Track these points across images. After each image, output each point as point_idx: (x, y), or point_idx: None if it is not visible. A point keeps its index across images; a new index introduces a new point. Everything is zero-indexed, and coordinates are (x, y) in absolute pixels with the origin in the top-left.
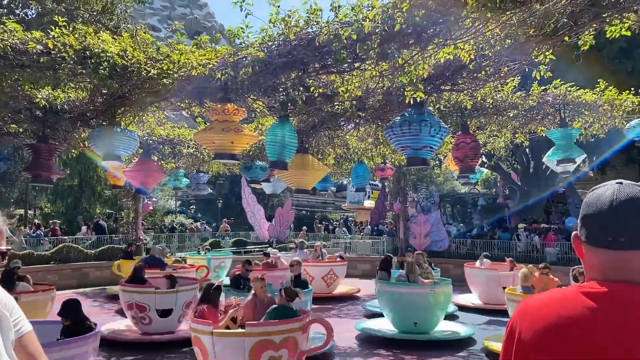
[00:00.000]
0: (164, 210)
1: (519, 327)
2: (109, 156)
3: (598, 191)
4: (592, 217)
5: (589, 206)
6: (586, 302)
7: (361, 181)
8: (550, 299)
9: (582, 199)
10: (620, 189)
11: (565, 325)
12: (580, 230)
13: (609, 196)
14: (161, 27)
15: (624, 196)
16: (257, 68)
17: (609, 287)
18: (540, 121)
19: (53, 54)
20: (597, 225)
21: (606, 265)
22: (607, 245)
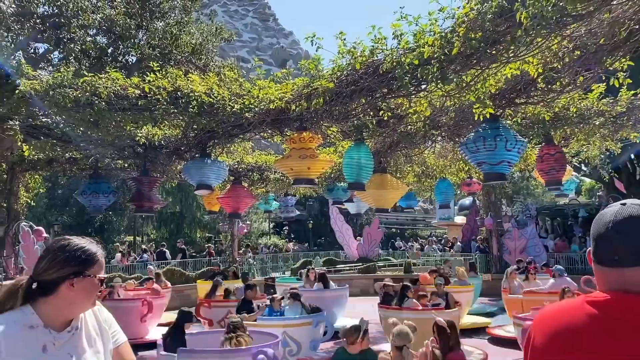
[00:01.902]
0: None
1: (534, 333)
2: (201, 186)
3: (603, 211)
4: (597, 237)
5: (595, 226)
6: (590, 310)
7: (445, 198)
8: (562, 308)
9: None
10: (621, 209)
11: (570, 331)
12: (592, 249)
13: (610, 216)
14: (250, 59)
15: (623, 216)
16: (327, 98)
17: (611, 296)
18: (632, 127)
19: (149, 97)
20: (601, 244)
21: (611, 281)
22: (611, 263)
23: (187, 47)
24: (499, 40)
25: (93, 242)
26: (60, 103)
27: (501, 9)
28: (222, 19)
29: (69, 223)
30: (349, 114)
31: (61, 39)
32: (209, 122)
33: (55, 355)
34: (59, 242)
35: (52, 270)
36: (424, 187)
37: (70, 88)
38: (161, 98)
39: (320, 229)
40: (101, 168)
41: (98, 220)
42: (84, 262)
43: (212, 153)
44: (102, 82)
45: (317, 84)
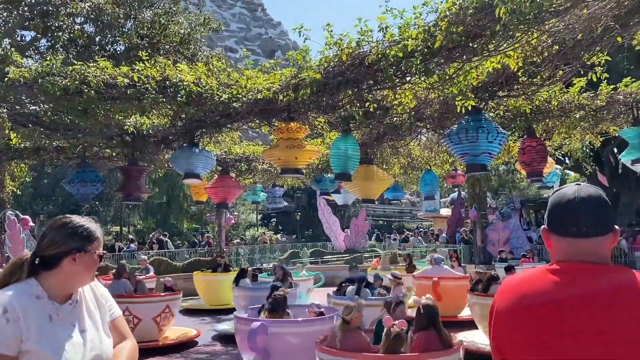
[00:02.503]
0: (246, 224)
1: (497, 302)
2: (189, 175)
3: (562, 191)
4: (558, 211)
5: (555, 203)
6: (551, 277)
7: (430, 189)
8: (523, 277)
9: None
10: (580, 188)
11: (534, 296)
12: (548, 224)
13: (572, 194)
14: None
15: (583, 194)
16: (314, 89)
17: (571, 265)
18: (611, 121)
19: (138, 86)
20: (563, 218)
21: (570, 250)
22: (571, 234)
23: (176, 37)
24: (479, 34)
25: (92, 221)
26: (49, 91)
27: (482, 4)
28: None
29: (54, 212)
30: (336, 105)
31: (49, 27)
32: (197, 111)
33: (59, 325)
34: (61, 220)
35: (55, 245)
36: (410, 179)
37: (59, 76)
38: (150, 87)
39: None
40: (89, 157)
41: (84, 210)
42: (85, 239)
43: (200, 142)
44: (92, 70)
45: (305, 74)
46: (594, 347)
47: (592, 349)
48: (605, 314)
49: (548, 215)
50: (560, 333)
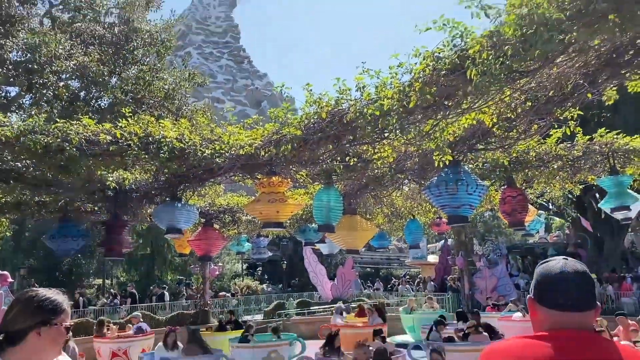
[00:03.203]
0: (231, 274)
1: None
2: (171, 230)
3: (549, 264)
4: (546, 285)
5: (543, 276)
6: (547, 344)
7: (414, 238)
8: (512, 344)
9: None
10: (567, 263)
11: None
12: (535, 295)
13: (559, 268)
14: (225, 99)
15: (570, 269)
16: (295, 144)
17: (566, 333)
18: (589, 170)
19: (120, 142)
20: (552, 291)
21: (559, 321)
22: (561, 307)
23: (160, 92)
24: (452, 94)
25: (59, 293)
26: (31, 148)
27: (454, 66)
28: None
29: (35, 266)
30: (317, 159)
31: (33, 84)
32: (179, 167)
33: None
34: (26, 294)
35: (20, 320)
36: (394, 227)
37: (41, 134)
38: (132, 143)
39: (294, 269)
40: (71, 211)
41: (66, 263)
42: (51, 312)
43: (183, 197)
44: (74, 128)
45: (286, 130)
46: None
47: None
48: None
49: (535, 287)
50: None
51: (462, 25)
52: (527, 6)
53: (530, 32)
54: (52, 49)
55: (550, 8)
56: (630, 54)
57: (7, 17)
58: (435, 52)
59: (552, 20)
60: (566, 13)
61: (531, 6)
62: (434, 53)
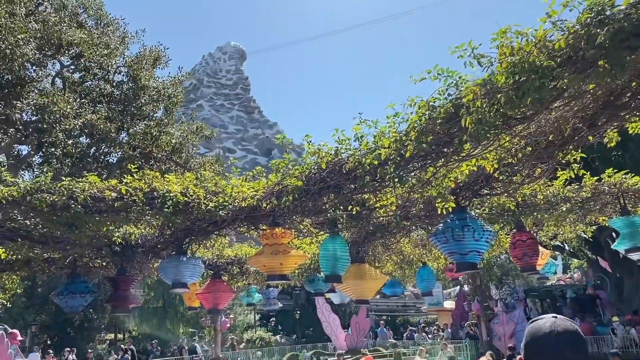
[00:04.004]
0: (244, 326)
1: None
2: (176, 284)
3: (538, 323)
4: (535, 345)
5: (531, 335)
6: None
7: (427, 285)
8: None
9: None
10: (556, 322)
11: None
12: (525, 355)
13: (548, 327)
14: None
15: (560, 328)
16: (296, 195)
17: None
18: (599, 211)
19: (125, 198)
20: (539, 351)
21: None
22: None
23: (167, 146)
24: (449, 142)
25: None
26: (37, 207)
27: (449, 115)
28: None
29: (47, 323)
30: (320, 209)
31: (43, 143)
32: (183, 220)
33: None
34: None
35: None
36: (406, 275)
37: (47, 193)
38: (137, 199)
39: (308, 319)
40: (80, 267)
41: (77, 318)
42: None
43: (189, 250)
44: (80, 185)
45: (287, 182)
46: None
47: None
48: None
49: (525, 347)
50: None
51: (457, 74)
52: (518, 54)
53: (522, 80)
54: (61, 108)
55: (540, 56)
56: (627, 96)
57: (18, 80)
58: (430, 102)
59: (542, 68)
60: (556, 60)
61: (522, 54)
62: (428, 102)
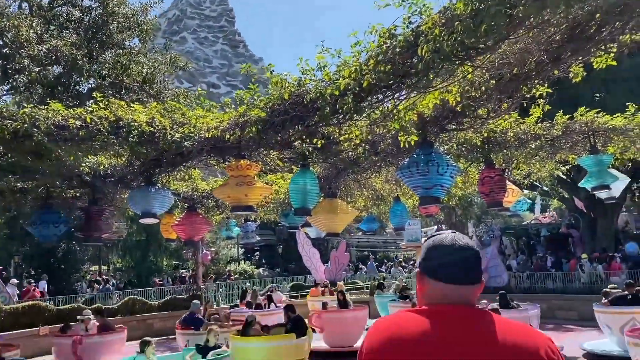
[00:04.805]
0: (227, 259)
1: (366, 343)
2: (146, 214)
3: (439, 237)
4: (432, 257)
5: (433, 249)
6: (423, 319)
7: (399, 220)
8: (394, 319)
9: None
10: (456, 237)
11: (405, 337)
12: (423, 267)
13: (449, 242)
14: (220, 84)
15: (461, 243)
16: (260, 127)
17: (443, 307)
18: (569, 149)
19: (90, 127)
20: (435, 263)
21: (444, 295)
22: (447, 280)
23: (138, 76)
24: (409, 72)
25: None
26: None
27: (408, 44)
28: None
29: (30, 253)
30: (286, 141)
31: (7, 69)
32: (149, 151)
33: None
34: None
35: None
36: (380, 211)
37: (9, 120)
38: (102, 128)
39: (290, 253)
40: (53, 198)
41: (60, 250)
42: None
43: (159, 181)
44: (43, 113)
45: (252, 113)
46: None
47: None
48: (473, 355)
49: (424, 260)
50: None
51: (421, 2)
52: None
53: (480, 7)
54: (23, 32)
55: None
56: (592, 29)
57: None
58: (391, 29)
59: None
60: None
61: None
62: (390, 30)
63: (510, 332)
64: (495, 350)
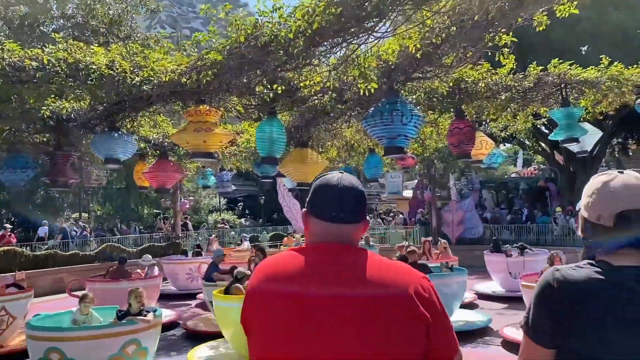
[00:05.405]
0: (208, 209)
1: (249, 282)
2: (109, 160)
3: (326, 177)
4: (320, 197)
5: (318, 188)
6: (297, 256)
7: (374, 172)
8: (277, 257)
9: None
10: (343, 176)
11: (280, 275)
12: (308, 206)
13: (335, 181)
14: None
15: (346, 183)
16: (216, 71)
17: (321, 245)
18: (542, 102)
19: (48, 69)
20: (324, 203)
21: (325, 233)
22: (329, 218)
23: (105, 17)
24: (359, 16)
25: None
26: None
27: None
28: None
29: (7, 200)
30: (247, 87)
31: None
32: (109, 95)
33: None
34: None
35: None
36: (355, 162)
37: None
38: (60, 70)
39: (272, 204)
40: (20, 143)
41: (39, 196)
42: None
43: (123, 126)
44: None
45: (208, 56)
46: (333, 321)
47: (331, 323)
48: (340, 288)
49: (310, 198)
50: (303, 310)
51: None
52: None
53: None
54: None
55: None
56: None
57: None
58: None
59: None
60: None
61: None
62: None
63: (382, 269)
64: (362, 285)
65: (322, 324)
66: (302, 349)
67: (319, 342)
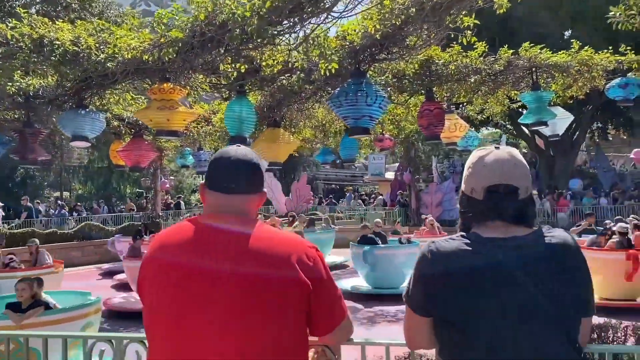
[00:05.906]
0: (190, 188)
1: (147, 249)
2: (76, 137)
3: (225, 149)
4: (214, 168)
5: (214, 160)
6: (189, 225)
7: (349, 153)
8: (171, 227)
9: (610, 162)
10: (239, 149)
11: (166, 242)
12: (206, 180)
13: (230, 154)
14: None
15: (240, 154)
16: (178, 48)
17: (210, 215)
18: (513, 85)
19: (11, 44)
20: (216, 174)
21: (218, 204)
22: (221, 189)
23: None
24: None
25: None
26: None
27: None
28: None
29: None
30: (211, 65)
31: None
32: (73, 71)
33: None
34: None
35: None
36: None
37: None
38: (24, 46)
39: None
40: None
41: (19, 175)
42: None
43: (92, 104)
44: None
45: (170, 34)
46: (216, 292)
47: (214, 293)
48: (229, 261)
49: (207, 171)
50: (189, 280)
51: None
52: None
53: None
54: None
55: None
56: None
57: None
58: None
59: None
60: None
61: None
62: None
63: (268, 240)
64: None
65: (206, 295)
66: (184, 319)
67: (201, 312)
